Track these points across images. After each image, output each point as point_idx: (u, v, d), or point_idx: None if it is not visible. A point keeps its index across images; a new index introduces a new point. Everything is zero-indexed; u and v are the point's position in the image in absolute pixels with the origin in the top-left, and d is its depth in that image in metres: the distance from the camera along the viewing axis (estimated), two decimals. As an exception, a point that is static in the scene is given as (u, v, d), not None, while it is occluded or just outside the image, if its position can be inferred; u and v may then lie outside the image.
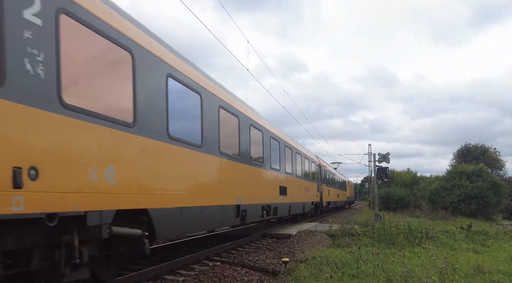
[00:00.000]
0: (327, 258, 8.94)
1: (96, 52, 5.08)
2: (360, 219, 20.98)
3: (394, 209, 34.50)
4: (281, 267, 8.37)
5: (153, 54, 6.31)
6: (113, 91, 5.41)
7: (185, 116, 7.57)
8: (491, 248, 11.68)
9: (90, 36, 4.93)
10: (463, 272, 7.47)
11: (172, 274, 7.60)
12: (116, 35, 5.41)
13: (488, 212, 33.15)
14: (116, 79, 5.47)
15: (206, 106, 8.30)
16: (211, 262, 8.75)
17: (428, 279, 6.18)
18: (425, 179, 46.38)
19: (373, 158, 23.42)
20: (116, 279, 6.26)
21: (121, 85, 5.56)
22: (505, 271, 7.88)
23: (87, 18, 4.86)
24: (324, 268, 7.92)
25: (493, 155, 58.20)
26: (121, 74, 5.56)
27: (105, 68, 5.27)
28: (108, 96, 5.29)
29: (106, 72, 5.28)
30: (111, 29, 5.29)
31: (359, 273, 7.45)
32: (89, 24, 4.89)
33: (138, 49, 5.88)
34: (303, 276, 7.22)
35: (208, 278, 7.14)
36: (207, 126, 8.26)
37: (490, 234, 14.39)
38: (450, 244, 11.93)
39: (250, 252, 10.21)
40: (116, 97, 5.46)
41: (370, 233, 13.61)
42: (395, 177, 49.95)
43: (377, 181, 23.90)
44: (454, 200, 31.64)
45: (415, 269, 7.40)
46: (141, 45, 5.98)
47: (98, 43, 5.08)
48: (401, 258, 8.89)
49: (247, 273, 7.82)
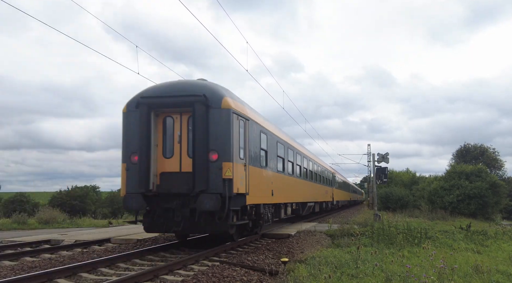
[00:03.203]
0: (326, 258, 8.94)
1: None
2: (360, 219, 20.99)
3: (393, 209, 34.53)
4: (280, 267, 8.37)
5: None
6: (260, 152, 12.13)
7: (271, 153, 13.33)
8: (490, 248, 11.70)
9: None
10: (462, 272, 7.47)
11: (171, 274, 7.60)
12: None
13: (487, 212, 33.17)
14: (258, 143, 11.84)
15: (278, 146, 14.44)
16: (210, 262, 8.74)
17: (427, 279, 6.17)
18: (424, 179, 46.40)
19: (372, 158, 23.41)
20: (116, 279, 6.35)
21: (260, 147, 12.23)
22: (504, 271, 7.89)
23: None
24: (323, 268, 7.92)
25: (492, 155, 58.22)
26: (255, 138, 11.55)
27: (254, 138, 11.41)
28: (258, 154, 11.82)
29: (254, 140, 11.43)
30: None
31: (358, 273, 7.45)
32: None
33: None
34: (302, 276, 7.21)
35: (207, 278, 7.13)
36: (285, 160, 15.27)
37: (489, 234, 14.41)
38: (449, 244, 11.93)
39: (249, 252, 10.20)
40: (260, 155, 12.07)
41: (369, 233, 13.61)
42: (394, 177, 50.01)
43: (376, 181, 23.90)
44: (453, 200, 31.65)
45: (414, 269, 7.39)
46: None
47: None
48: (400, 258, 8.90)
49: (246, 273, 7.82)
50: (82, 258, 9.32)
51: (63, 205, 37.47)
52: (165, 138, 10.19)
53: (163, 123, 10.20)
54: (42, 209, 25.47)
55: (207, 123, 9.61)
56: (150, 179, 9.74)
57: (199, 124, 9.53)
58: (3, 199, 43.46)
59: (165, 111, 10.15)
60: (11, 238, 13.09)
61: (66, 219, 23.22)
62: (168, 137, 10.19)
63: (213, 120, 9.63)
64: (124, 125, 10.29)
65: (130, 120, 10.16)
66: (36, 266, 8.39)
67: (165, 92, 10.11)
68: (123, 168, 10.11)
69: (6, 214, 31.86)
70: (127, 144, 10.16)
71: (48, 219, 21.18)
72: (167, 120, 10.22)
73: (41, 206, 34.39)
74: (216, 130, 9.61)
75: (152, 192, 9.75)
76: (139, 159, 9.75)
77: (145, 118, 9.81)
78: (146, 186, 9.63)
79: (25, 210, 31.88)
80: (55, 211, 23.09)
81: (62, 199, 41.14)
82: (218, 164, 9.49)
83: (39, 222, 21.06)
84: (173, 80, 10.99)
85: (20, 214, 22.15)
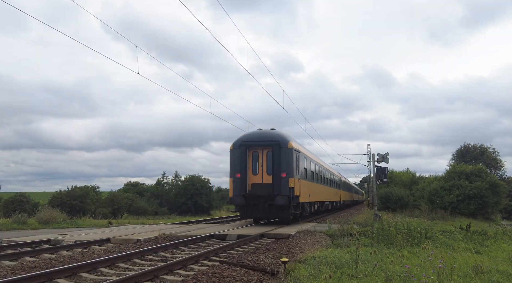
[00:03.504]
0: (326, 258, 8.94)
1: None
2: (359, 219, 20.98)
3: (393, 209, 34.51)
4: (280, 267, 8.37)
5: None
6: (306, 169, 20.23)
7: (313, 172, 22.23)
8: (490, 248, 11.69)
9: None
10: (462, 272, 7.47)
11: (171, 274, 7.60)
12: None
13: (487, 212, 33.11)
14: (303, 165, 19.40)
15: (312, 164, 21.72)
16: (210, 262, 8.75)
17: (426, 279, 6.17)
18: (424, 179, 46.32)
19: (372, 158, 23.42)
20: (116, 279, 6.44)
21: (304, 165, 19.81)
22: (504, 271, 7.88)
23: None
24: (323, 268, 7.92)
25: (492, 155, 58.15)
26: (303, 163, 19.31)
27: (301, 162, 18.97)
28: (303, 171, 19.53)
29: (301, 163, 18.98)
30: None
31: (358, 273, 7.45)
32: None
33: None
34: (302, 276, 7.21)
35: (207, 278, 7.13)
36: (314, 173, 22.35)
37: (489, 234, 14.40)
38: (449, 244, 11.92)
39: (249, 252, 10.21)
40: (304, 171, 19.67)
41: (369, 233, 13.61)
42: (394, 177, 49.94)
43: (376, 181, 23.90)
44: (453, 200, 31.60)
45: (414, 269, 7.39)
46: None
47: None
48: (400, 258, 8.90)
49: (246, 273, 7.82)
50: (82, 258, 9.32)
51: (63, 205, 37.39)
52: (254, 164, 17.93)
53: (252, 155, 17.97)
54: (42, 209, 25.50)
55: (280, 156, 17.19)
56: (246, 187, 17.53)
57: (275, 157, 17.26)
58: (3, 199, 43.40)
59: (254, 149, 17.94)
60: (11, 238, 13.10)
61: (66, 219, 23.25)
62: (255, 163, 17.92)
63: (283, 154, 17.21)
64: (231, 156, 17.93)
65: (235, 154, 17.79)
66: (36, 266, 8.39)
67: (254, 138, 17.98)
68: (230, 181, 17.71)
69: (6, 214, 31.83)
70: (233, 167, 17.73)
71: (48, 219, 21.19)
72: (254, 154, 17.96)
73: (41, 206, 34.39)
74: (285, 160, 17.18)
75: (247, 194, 17.37)
76: (241, 175, 17.42)
77: (244, 153, 17.62)
78: (244, 190, 17.39)
79: (25, 210, 31.84)
80: (55, 211, 23.11)
81: (62, 199, 41.03)
82: (286, 179, 16.98)
83: (39, 222, 21.08)
84: (259, 130, 18.97)
85: (20, 214, 22.18)
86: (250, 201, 17.26)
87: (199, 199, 51.91)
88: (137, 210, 45.61)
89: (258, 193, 17.27)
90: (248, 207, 17.32)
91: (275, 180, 16.97)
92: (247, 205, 17.28)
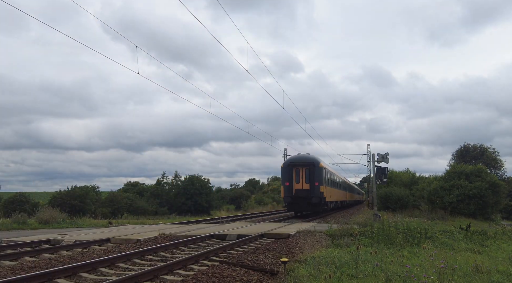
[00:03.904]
0: (326, 258, 8.93)
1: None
2: (359, 219, 20.98)
3: (393, 209, 34.49)
4: (280, 267, 8.36)
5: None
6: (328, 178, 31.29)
7: (332, 180, 33.22)
8: (490, 248, 11.68)
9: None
10: (462, 272, 7.46)
11: (171, 274, 7.60)
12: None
13: (487, 212, 33.07)
14: (327, 176, 30.45)
15: (332, 175, 33.35)
16: (210, 262, 8.75)
17: (427, 279, 6.17)
18: (424, 179, 46.29)
19: (372, 158, 23.42)
20: (116, 279, 6.47)
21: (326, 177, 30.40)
22: (504, 271, 7.88)
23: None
24: (323, 268, 7.92)
25: (492, 155, 58.08)
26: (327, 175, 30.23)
27: (326, 174, 29.67)
28: (328, 181, 30.54)
29: (326, 175, 29.73)
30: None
31: (358, 273, 7.44)
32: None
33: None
34: (302, 276, 7.21)
35: (207, 278, 7.13)
36: (333, 181, 33.52)
37: (489, 234, 14.39)
38: (449, 244, 11.92)
39: (249, 252, 10.20)
40: (328, 180, 30.75)
41: (369, 233, 13.61)
42: (394, 177, 49.93)
43: (376, 181, 23.91)
44: (453, 200, 31.56)
45: (414, 269, 7.39)
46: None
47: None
48: (400, 258, 8.90)
49: (246, 273, 7.81)
50: (82, 258, 9.31)
51: (63, 205, 37.38)
52: (297, 176, 27.20)
53: (296, 170, 27.32)
54: (42, 209, 25.46)
55: (314, 172, 27.01)
56: (292, 191, 26.94)
57: (311, 172, 27.08)
58: (3, 199, 43.41)
59: (297, 167, 27.45)
60: (11, 238, 13.09)
61: (66, 219, 23.22)
62: (297, 176, 27.18)
63: (316, 171, 27.04)
64: (282, 171, 27.95)
65: (284, 170, 27.63)
66: (36, 266, 8.39)
67: (297, 161, 27.88)
68: (282, 187, 27.61)
69: (6, 214, 31.81)
70: (284, 178, 27.64)
71: (48, 219, 21.16)
72: (296, 170, 27.33)
73: (41, 206, 34.36)
74: (317, 174, 27.04)
75: (293, 196, 26.82)
76: (289, 184, 27.15)
77: (291, 170, 27.38)
78: (291, 193, 26.94)
79: (25, 210, 31.78)
80: (55, 211, 23.06)
81: (62, 199, 41.03)
82: (318, 186, 26.69)
83: (39, 222, 21.05)
84: (299, 155, 29.09)
85: (20, 214, 22.13)
86: (294, 200, 26.80)
87: (199, 199, 51.96)
88: (137, 210, 45.60)
89: (300, 195, 26.73)
90: (293, 204, 27.17)
91: (311, 187, 26.67)
92: (292, 203, 26.98)
